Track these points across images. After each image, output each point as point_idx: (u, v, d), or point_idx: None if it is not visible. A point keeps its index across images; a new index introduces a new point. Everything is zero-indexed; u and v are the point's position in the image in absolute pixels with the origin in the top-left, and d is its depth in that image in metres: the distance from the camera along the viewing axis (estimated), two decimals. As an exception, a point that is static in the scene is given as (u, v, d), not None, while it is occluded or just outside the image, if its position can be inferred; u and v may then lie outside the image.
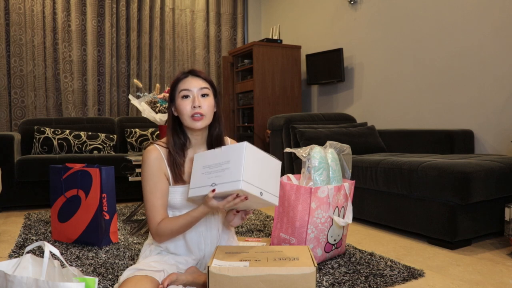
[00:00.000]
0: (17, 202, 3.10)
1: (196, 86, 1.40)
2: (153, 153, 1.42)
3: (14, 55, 4.15)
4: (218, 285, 1.15)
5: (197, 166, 1.33)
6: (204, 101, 1.40)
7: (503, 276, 1.69)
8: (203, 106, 1.38)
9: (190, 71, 1.46)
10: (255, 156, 1.24)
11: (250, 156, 1.22)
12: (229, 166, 1.22)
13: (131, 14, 4.65)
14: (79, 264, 1.83)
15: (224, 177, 1.22)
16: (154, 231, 1.40)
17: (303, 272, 1.15)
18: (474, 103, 2.96)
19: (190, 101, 1.39)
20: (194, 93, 1.39)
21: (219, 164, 1.25)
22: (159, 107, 2.45)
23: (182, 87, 1.41)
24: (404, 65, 3.50)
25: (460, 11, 3.04)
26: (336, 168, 1.88)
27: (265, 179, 1.27)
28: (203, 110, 1.38)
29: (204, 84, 1.42)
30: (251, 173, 1.21)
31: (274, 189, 1.30)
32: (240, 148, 1.22)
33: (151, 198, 1.40)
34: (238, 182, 1.17)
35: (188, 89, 1.39)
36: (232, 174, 1.20)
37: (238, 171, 1.19)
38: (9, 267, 1.20)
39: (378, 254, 1.95)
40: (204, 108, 1.39)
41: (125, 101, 4.67)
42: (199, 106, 1.38)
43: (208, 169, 1.28)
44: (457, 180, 1.98)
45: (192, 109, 1.38)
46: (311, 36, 4.60)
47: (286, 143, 3.24)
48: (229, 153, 1.24)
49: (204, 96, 1.41)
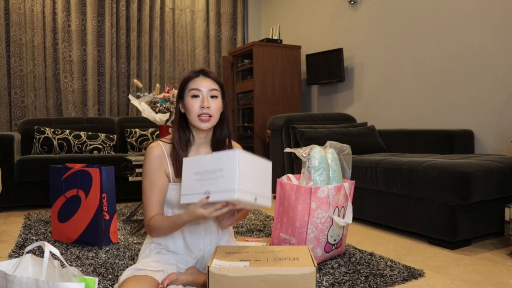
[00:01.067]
0: (17, 202, 3.10)
1: (206, 86, 1.43)
2: (155, 149, 1.45)
3: (14, 55, 4.15)
4: (218, 285, 1.15)
5: (187, 172, 1.31)
6: (213, 102, 1.42)
7: (503, 276, 1.69)
8: (211, 107, 1.41)
9: (201, 70, 1.48)
10: (247, 162, 1.22)
11: (243, 163, 1.20)
12: (222, 174, 1.20)
13: (131, 14, 4.65)
14: (79, 264, 1.83)
15: (218, 185, 1.20)
16: (146, 224, 1.44)
17: (303, 272, 1.15)
18: (474, 103, 2.96)
19: (199, 100, 1.41)
20: (203, 93, 1.42)
21: (211, 171, 1.23)
22: (159, 107, 2.45)
23: (192, 86, 1.43)
24: (404, 65, 3.50)
25: (460, 11, 3.04)
26: (336, 168, 1.88)
27: (258, 183, 1.26)
28: (211, 111, 1.41)
29: (214, 85, 1.45)
30: (245, 180, 1.20)
31: (267, 191, 1.29)
32: (233, 155, 1.20)
33: (148, 193, 1.44)
34: (234, 191, 1.16)
35: (198, 89, 1.42)
36: (227, 182, 1.19)
37: (233, 180, 1.17)
38: (9, 267, 1.20)
39: (378, 254, 1.95)
40: (212, 109, 1.41)
41: (125, 101, 4.67)
42: (208, 106, 1.40)
43: (199, 176, 1.26)
44: (457, 180, 1.98)
45: (201, 109, 1.40)
46: (311, 36, 4.60)
47: (286, 143, 3.24)
48: (222, 160, 1.22)
49: (213, 98, 1.43)
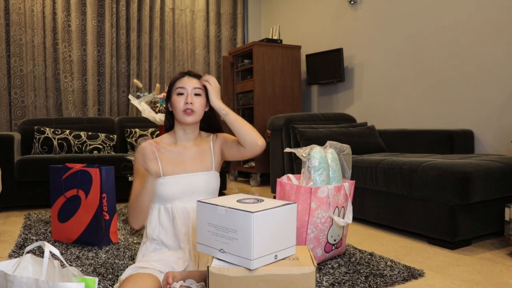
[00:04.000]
0: (17, 202, 3.10)
1: (190, 85, 1.56)
2: (139, 149, 1.56)
3: (14, 55, 4.15)
4: (218, 285, 1.15)
5: (201, 218, 1.23)
6: (196, 99, 1.55)
7: (503, 276, 1.69)
8: (194, 103, 1.54)
9: (187, 71, 1.62)
10: (265, 222, 1.13)
11: (259, 225, 1.11)
12: (237, 237, 1.13)
13: (131, 14, 4.65)
14: (79, 264, 1.83)
15: (233, 248, 1.14)
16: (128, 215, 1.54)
17: (303, 272, 1.15)
18: (474, 103, 2.96)
19: (183, 98, 1.55)
20: (188, 91, 1.55)
21: (225, 229, 1.16)
22: (159, 107, 2.45)
23: (178, 85, 1.57)
24: (404, 65, 3.50)
25: (460, 10, 3.04)
26: (336, 168, 1.88)
27: (279, 238, 1.17)
28: (194, 107, 1.54)
29: (198, 84, 1.58)
30: (263, 244, 1.12)
31: (291, 240, 1.22)
32: (248, 220, 1.10)
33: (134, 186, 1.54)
34: (249, 262, 1.10)
35: (183, 87, 1.56)
36: (242, 249, 1.12)
37: (248, 249, 1.10)
38: (9, 267, 1.20)
39: (378, 254, 1.95)
40: (196, 105, 1.54)
41: (125, 101, 4.67)
42: (191, 103, 1.53)
43: (214, 228, 1.19)
44: (457, 180, 1.98)
45: (185, 105, 1.53)
46: (311, 36, 4.60)
47: (286, 143, 3.24)
48: (236, 220, 1.13)
49: (197, 96, 1.56)
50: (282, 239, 1.19)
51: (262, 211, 1.12)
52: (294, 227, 1.23)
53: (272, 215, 1.15)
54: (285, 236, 1.20)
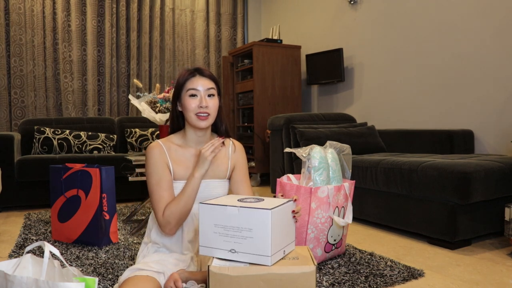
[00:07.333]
0: (17, 202, 3.10)
1: (203, 86, 1.46)
2: (155, 148, 1.47)
3: (14, 55, 4.15)
4: (219, 285, 1.15)
5: (205, 220, 1.21)
6: (210, 101, 1.46)
7: (503, 276, 1.69)
8: (209, 106, 1.45)
9: (196, 69, 1.50)
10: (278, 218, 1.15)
11: (275, 222, 1.13)
12: (252, 235, 1.13)
13: (131, 14, 4.65)
14: (79, 264, 1.83)
15: (247, 247, 1.14)
16: (162, 221, 1.42)
17: (303, 271, 1.15)
18: (474, 103, 2.96)
19: (197, 100, 1.44)
20: (201, 93, 1.45)
21: (238, 228, 1.15)
22: (159, 107, 2.45)
23: (189, 86, 1.46)
24: (404, 65, 3.50)
25: (460, 11, 3.04)
26: (336, 168, 1.88)
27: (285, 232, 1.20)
28: (210, 110, 1.45)
29: (211, 84, 1.48)
30: (277, 240, 1.14)
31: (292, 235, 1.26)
32: (265, 217, 1.11)
33: (157, 190, 1.43)
34: (267, 259, 1.11)
35: (195, 89, 1.45)
36: (258, 246, 1.12)
37: (266, 246, 1.11)
38: (9, 267, 1.20)
39: (378, 254, 1.95)
40: (210, 108, 1.45)
41: (125, 101, 4.67)
42: (206, 106, 1.43)
43: (222, 229, 1.18)
44: (457, 180, 1.98)
45: (199, 108, 1.43)
46: (311, 36, 4.60)
47: (286, 143, 3.24)
48: (251, 218, 1.13)
49: (210, 96, 1.47)
50: (287, 235, 1.23)
51: (277, 208, 1.15)
52: (293, 223, 1.29)
53: (283, 211, 1.19)
54: (288, 231, 1.25)
